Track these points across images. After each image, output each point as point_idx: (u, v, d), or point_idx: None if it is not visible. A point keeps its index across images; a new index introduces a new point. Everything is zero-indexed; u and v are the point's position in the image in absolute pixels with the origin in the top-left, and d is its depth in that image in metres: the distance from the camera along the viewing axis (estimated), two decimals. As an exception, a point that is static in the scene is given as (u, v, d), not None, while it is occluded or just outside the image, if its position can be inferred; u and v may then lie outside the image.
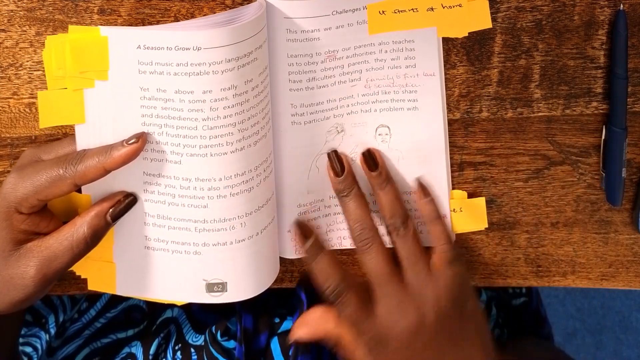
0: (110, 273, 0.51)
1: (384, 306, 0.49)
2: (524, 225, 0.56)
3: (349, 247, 0.55)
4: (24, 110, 0.53)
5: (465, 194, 0.55)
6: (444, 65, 0.53)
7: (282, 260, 0.55)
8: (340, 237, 0.55)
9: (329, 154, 0.52)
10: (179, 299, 0.52)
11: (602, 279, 0.57)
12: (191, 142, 0.47)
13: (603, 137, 0.54)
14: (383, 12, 0.50)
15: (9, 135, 0.54)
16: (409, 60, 0.52)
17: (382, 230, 0.52)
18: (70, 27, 0.47)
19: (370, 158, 0.52)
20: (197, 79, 0.46)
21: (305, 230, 0.50)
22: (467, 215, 0.54)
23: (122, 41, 0.46)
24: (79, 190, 0.49)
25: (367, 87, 0.52)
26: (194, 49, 0.45)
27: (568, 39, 0.53)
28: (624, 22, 0.51)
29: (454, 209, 0.54)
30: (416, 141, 0.53)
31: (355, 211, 0.51)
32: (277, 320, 0.59)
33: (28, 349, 0.61)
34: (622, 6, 0.51)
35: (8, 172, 0.54)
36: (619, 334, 1.41)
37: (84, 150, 0.48)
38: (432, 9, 0.51)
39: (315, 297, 0.62)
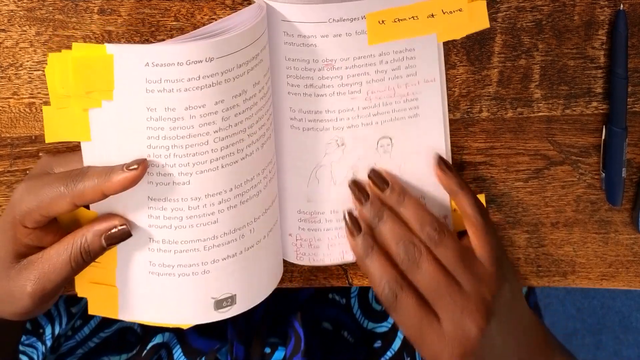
0: (112, 297, 0.49)
1: (449, 318, 0.47)
2: (524, 225, 0.56)
3: (350, 260, 0.54)
4: (24, 110, 0.53)
5: None
6: (445, 66, 0.53)
7: (284, 262, 0.55)
8: (342, 251, 0.54)
9: (350, 186, 0.51)
10: (185, 322, 0.50)
11: (602, 279, 0.57)
12: (201, 159, 0.45)
13: (603, 137, 0.54)
14: (383, 21, 0.49)
15: (9, 135, 0.54)
16: (410, 69, 0.51)
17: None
18: (74, 44, 0.44)
19: (378, 178, 0.51)
20: (209, 90, 0.44)
21: (354, 225, 0.49)
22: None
23: (129, 59, 0.44)
24: (88, 207, 0.48)
25: (368, 99, 0.51)
26: (207, 60, 0.44)
27: (568, 39, 0.53)
28: (624, 22, 0.51)
29: (454, 209, 0.54)
30: (417, 148, 0.52)
31: (394, 230, 0.49)
32: (268, 350, 0.59)
33: (25, 359, 0.61)
34: (622, 6, 0.52)
35: (8, 172, 0.54)
36: (619, 334, 1.41)
37: (88, 167, 0.46)
38: (432, 15, 0.50)
39: (312, 324, 0.61)
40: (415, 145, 0.52)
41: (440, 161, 0.51)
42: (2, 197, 0.55)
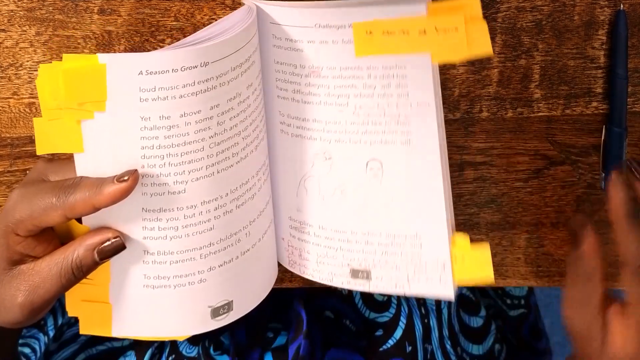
0: (106, 314, 0.48)
1: None
2: (524, 225, 0.56)
3: (339, 285, 0.52)
4: (24, 110, 0.53)
5: (467, 240, 0.49)
6: (445, 65, 0.53)
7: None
8: (331, 272, 0.52)
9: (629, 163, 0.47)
10: (182, 333, 0.49)
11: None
12: (197, 166, 0.45)
13: (603, 137, 0.54)
14: (370, 32, 0.46)
15: (9, 135, 0.54)
16: (401, 89, 0.47)
17: None
18: (65, 55, 0.43)
19: None
20: (204, 96, 0.44)
21: None
22: (470, 265, 0.48)
23: (122, 68, 0.43)
24: (80, 220, 0.47)
25: (356, 114, 0.48)
26: (202, 65, 0.43)
27: (568, 39, 0.53)
28: (624, 22, 0.51)
29: (455, 257, 0.49)
30: (411, 179, 0.48)
31: None
32: (270, 335, 0.59)
33: (26, 350, 0.61)
34: (622, 6, 0.51)
35: (8, 172, 0.54)
36: (619, 334, 1.40)
37: (80, 178, 0.45)
38: (424, 32, 0.45)
39: (315, 313, 0.62)
40: (409, 177, 0.48)
41: None
42: (2, 197, 0.55)
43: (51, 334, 0.62)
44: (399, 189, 0.49)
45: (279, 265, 0.55)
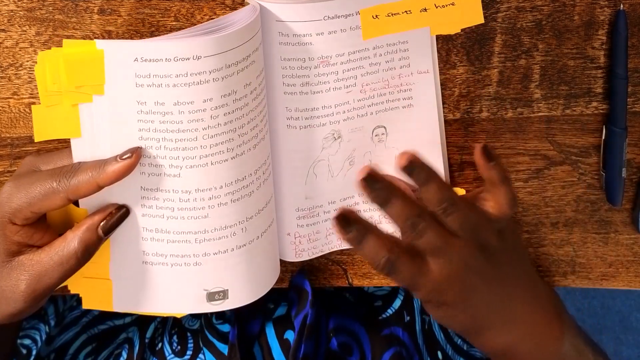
0: (107, 290, 0.50)
1: (437, 262, 0.46)
2: (524, 225, 0.56)
3: (348, 246, 0.55)
4: (24, 110, 0.53)
5: None
6: (445, 66, 0.53)
7: (282, 261, 0.55)
8: (339, 238, 0.55)
9: (362, 179, 0.47)
10: (179, 311, 0.51)
11: (602, 279, 0.57)
12: (191, 154, 0.46)
13: (603, 137, 0.54)
14: (376, 16, 0.50)
15: (9, 135, 0.54)
16: (404, 61, 0.52)
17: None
18: (65, 41, 0.45)
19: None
20: (197, 88, 0.45)
21: (345, 222, 0.46)
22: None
23: (118, 54, 0.45)
24: (76, 204, 0.48)
25: (363, 91, 0.52)
26: (194, 58, 0.44)
27: (568, 39, 0.53)
28: (624, 22, 0.51)
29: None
30: (412, 137, 0.53)
31: (403, 211, 0.46)
32: (271, 305, 0.60)
33: (27, 342, 0.61)
34: (622, 6, 0.52)
35: (8, 172, 0.54)
36: (619, 334, 1.41)
37: (79, 163, 0.47)
38: (425, 9, 0.51)
39: (314, 290, 0.62)
40: (410, 134, 0.53)
41: (484, 150, 0.48)
42: (2, 197, 0.55)
43: (52, 322, 0.62)
44: (402, 147, 0.53)
45: (281, 265, 0.55)
